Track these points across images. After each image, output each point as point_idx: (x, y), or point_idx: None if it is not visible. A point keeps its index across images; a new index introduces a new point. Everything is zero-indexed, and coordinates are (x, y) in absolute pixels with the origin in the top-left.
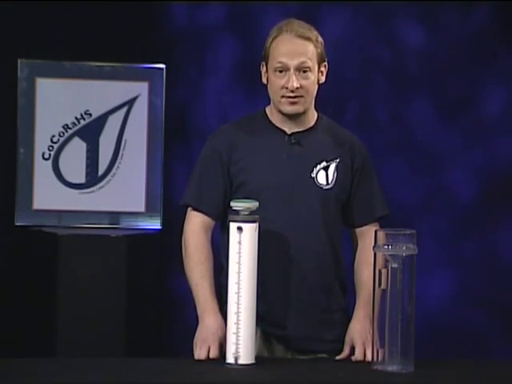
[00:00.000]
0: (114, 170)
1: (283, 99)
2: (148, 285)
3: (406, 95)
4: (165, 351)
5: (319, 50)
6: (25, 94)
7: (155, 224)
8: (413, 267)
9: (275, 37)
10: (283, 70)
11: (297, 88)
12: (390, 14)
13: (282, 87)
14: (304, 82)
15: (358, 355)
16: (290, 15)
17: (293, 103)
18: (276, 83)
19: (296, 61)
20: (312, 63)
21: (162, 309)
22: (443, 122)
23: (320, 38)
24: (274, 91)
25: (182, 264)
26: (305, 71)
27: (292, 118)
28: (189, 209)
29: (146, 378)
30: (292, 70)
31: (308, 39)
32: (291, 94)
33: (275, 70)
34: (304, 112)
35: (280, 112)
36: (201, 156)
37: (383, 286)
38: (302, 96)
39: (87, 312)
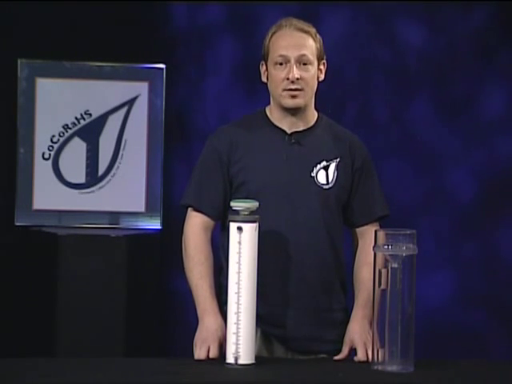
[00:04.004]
0: (114, 170)
1: (284, 92)
2: (148, 285)
3: (405, 95)
4: (165, 351)
5: (318, 46)
6: (25, 94)
7: (155, 224)
8: (413, 267)
9: (274, 32)
10: (284, 62)
11: (297, 79)
12: (390, 14)
13: (283, 79)
14: (304, 74)
15: (360, 356)
16: (290, 15)
17: (294, 96)
18: (277, 76)
19: (296, 53)
20: (312, 57)
21: (162, 309)
22: (443, 121)
23: (318, 35)
24: (274, 85)
25: (182, 264)
26: (305, 64)
27: (292, 113)
28: (189, 209)
29: (146, 378)
30: (293, 62)
31: (307, 33)
32: (292, 86)
33: (276, 64)
34: (304, 107)
35: (280, 108)
36: (201, 156)
37: (383, 286)
38: (302, 89)
39: (87, 312)
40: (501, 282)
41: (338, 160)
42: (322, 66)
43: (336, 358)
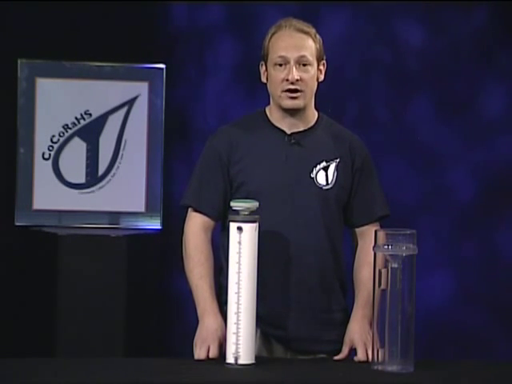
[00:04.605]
0: (114, 170)
1: (283, 93)
2: (148, 285)
3: (406, 95)
4: (165, 351)
5: (318, 46)
6: (25, 94)
7: (155, 224)
8: (413, 267)
9: (274, 33)
10: (283, 63)
11: (297, 80)
12: (390, 14)
13: (283, 80)
14: (304, 75)
15: (360, 356)
16: (290, 15)
17: (293, 98)
18: (276, 77)
19: (296, 54)
20: (311, 57)
21: (162, 309)
22: (443, 121)
23: (318, 36)
24: (274, 86)
25: (182, 264)
26: (305, 65)
27: (292, 114)
28: (189, 209)
29: (146, 378)
30: (292, 63)
31: (307, 33)
32: (291, 87)
33: (275, 65)
34: (304, 108)
35: (280, 108)
36: (201, 157)
37: (383, 286)
38: (302, 90)
39: (87, 312)
40: (501, 282)
41: (337, 160)
42: (321, 67)
43: (336, 358)
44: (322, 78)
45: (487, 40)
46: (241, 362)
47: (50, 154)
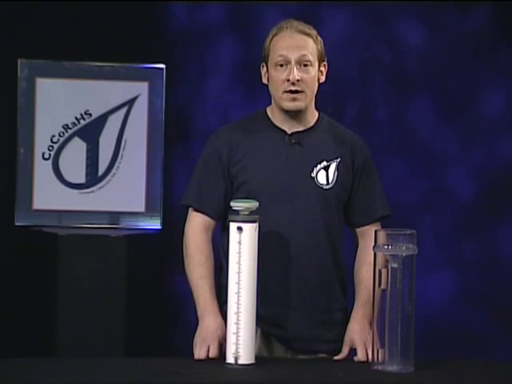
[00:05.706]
0: (113, 170)
1: (284, 95)
2: (148, 285)
3: (405, 95)
4: (165, 351)
5: (319, 47)
6: (25, 94)
7: (155, 224)
8: (413, 267)
9: (275, 34)
10: (284, 63)
11: (298, 81)
12: (390, 14)
13: (284, 81)
14: (305, 76)
15: (360, 356)
16: (290, 15)
17: (294, 99)
18: (277, 78)
19: (297, 54)
20: (312, 58)
21: (162, 309)
22: (443, 121)
23: (319, 37)
24: (275, 87)
25: (182, 264)
26: (306, 65)
27: (293, 115)
28: (189, 209)
29: (146, 378)
30: (293, 63)
31: (308, 35)
32: (293, 88)
33: (276, 65)
34: (305, 109)
35: (281, 110)
36: (201, 156)
37: (383, 286)
38: (302, 91)
39: (87, 312)
40: (501, 282)
41: (338, 160)
42: (322, 68)
43: (336, 357)
44: (323, 79)
45: (487, 40)
46: (241, 362)
47: (50, 154)
